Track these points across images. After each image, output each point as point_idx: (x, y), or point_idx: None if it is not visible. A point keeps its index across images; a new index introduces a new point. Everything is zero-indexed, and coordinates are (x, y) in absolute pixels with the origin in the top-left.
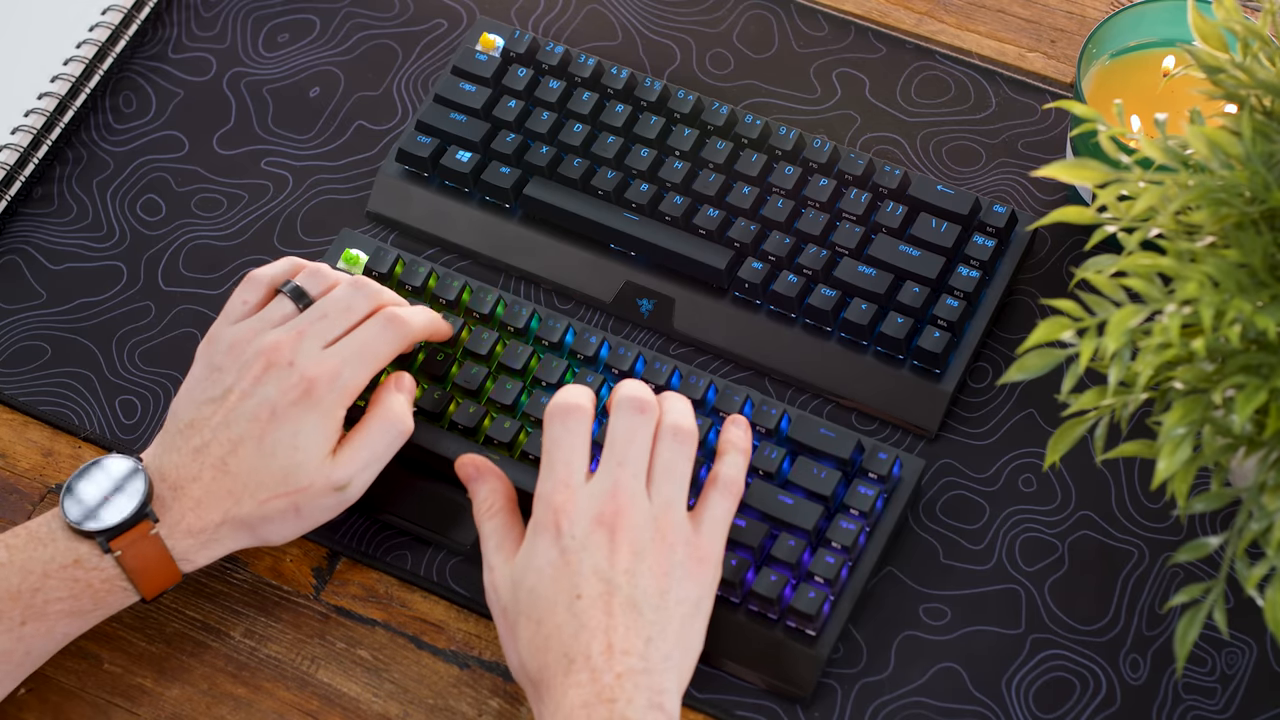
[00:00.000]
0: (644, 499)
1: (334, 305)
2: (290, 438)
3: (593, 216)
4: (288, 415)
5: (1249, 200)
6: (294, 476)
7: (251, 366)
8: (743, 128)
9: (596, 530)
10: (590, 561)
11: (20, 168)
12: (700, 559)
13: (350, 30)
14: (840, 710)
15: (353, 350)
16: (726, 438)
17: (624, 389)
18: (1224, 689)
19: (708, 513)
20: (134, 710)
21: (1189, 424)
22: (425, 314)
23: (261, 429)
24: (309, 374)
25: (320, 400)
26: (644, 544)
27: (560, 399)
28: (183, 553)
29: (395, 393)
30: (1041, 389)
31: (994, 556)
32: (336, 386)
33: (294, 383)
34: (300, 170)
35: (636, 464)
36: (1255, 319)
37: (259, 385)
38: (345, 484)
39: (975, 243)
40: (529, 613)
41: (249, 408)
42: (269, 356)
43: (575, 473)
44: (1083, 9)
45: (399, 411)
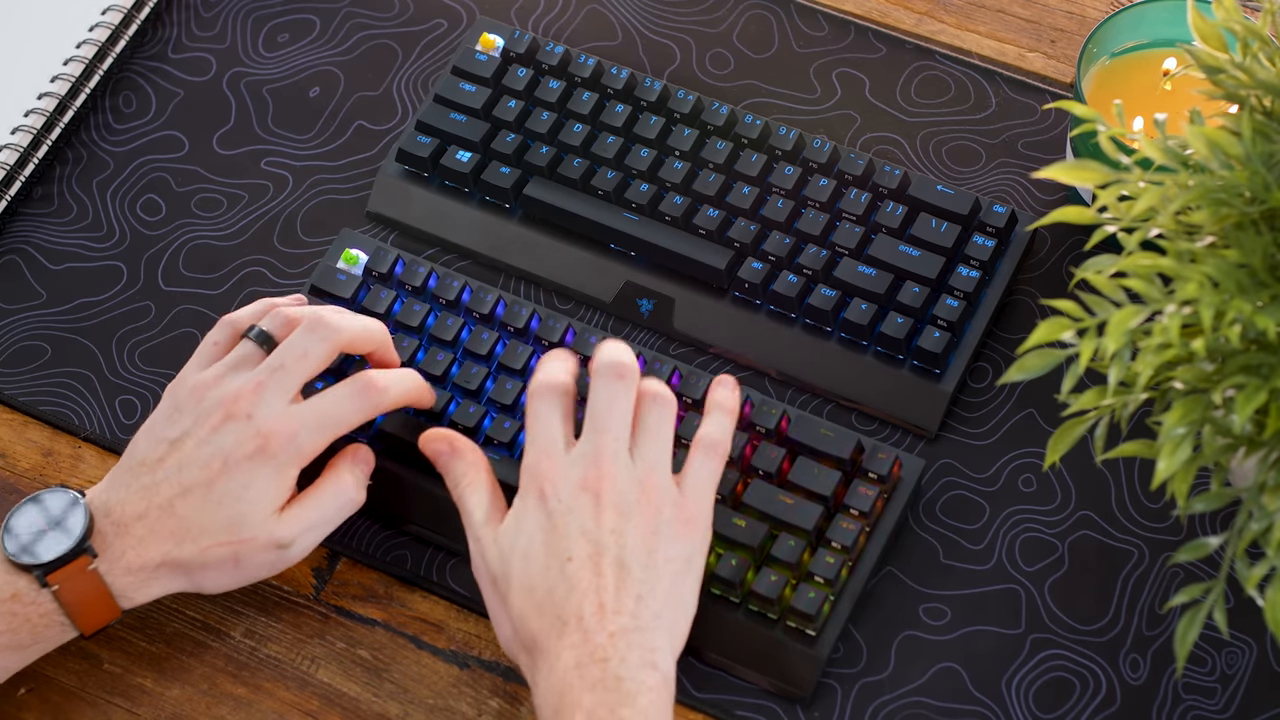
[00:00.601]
0: (627, 462)
1: (290, 354)
2: (239, 490)
3: (593, 216)
4: (239, 467)
5: (1249, 200)
6: (237, 527)
7: (211, 415)
8: (743, 128)
9: (581, 494)
10: (577, 524)
11: (20, 168)
12: (687, 519)
13: (350, 30)
14: (840, 710)
15: (315, 415)
16: (713, 398)
17: (603, 354)
18: (1224, 689)
19: (692, 474)
20: (134, 710)
21: (1189, 424)
22: (404, 385)
23: (212, 477)
24: (264, 429)
25: (273, 457)
26: (629, 505)
27: (540, 376)
28: (121, 589)
29: (351, 464)
30: (1041, 389)
31: (994, 556)
32: (292, 447)
33: (249, 436)
34: (300, 170)
35: (618, 429)
36: (1255, 319)
37: (215, 434)
38: (288, 543)
39: (975, 243)
40: (520, 580)
41: (203, 455)
42: (228, 408)
43: (556, 442)
44: (1083, 9)
45: (350, 483)
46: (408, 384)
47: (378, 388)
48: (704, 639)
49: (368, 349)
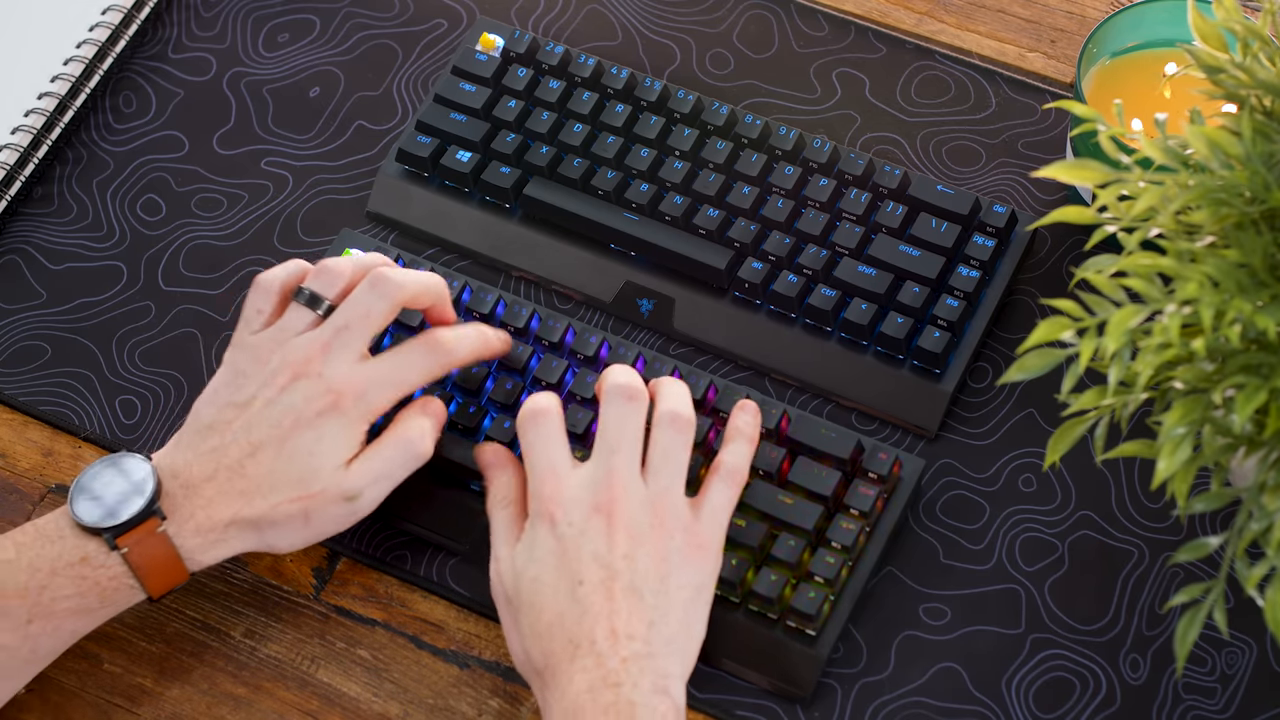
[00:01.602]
0: (639, 485)
1: (354, 312)
2: (310, 444)
3: (593, 216)
4: (311, 424)
5: (1249, 200)
6: (308, 481)
7: (278, 375)
8: (743, 128)
9: (594, 517)
10: (589, 548)
11: (20, 168)
12: (699, 545)
13: (350, 30)
14: (840, 710)
15: (385, 371)
16: (734, 424)
17: (611, 377)
18: (1224, 689)
19: (708, 501)
20: (134, 710)
21: (1189, 424)
22: (471, 341)
23: (284, 434)
24: (337, 386)
25: (344, 413)
26: (641, 529)
27: (527, 407)
28: (190, 551)
29: (419, 415)
30: (1041, 389)
31: (994, 556)
32: (362, 404)
33: (320, 392)
34: (300, 170)
35: (630, 450)
36: (1255, 319)
37: (284, 393)
38: (356, 494)
39: (975, 243)
40: (531, 601)
41: (273, 414)
42: (296, 368)
43: (559, 464)
44: (1083, 9)
45: (417, 434)
46: (474, 340)
47: (445, 347)
48: (704, 639)
49: (427, 304)
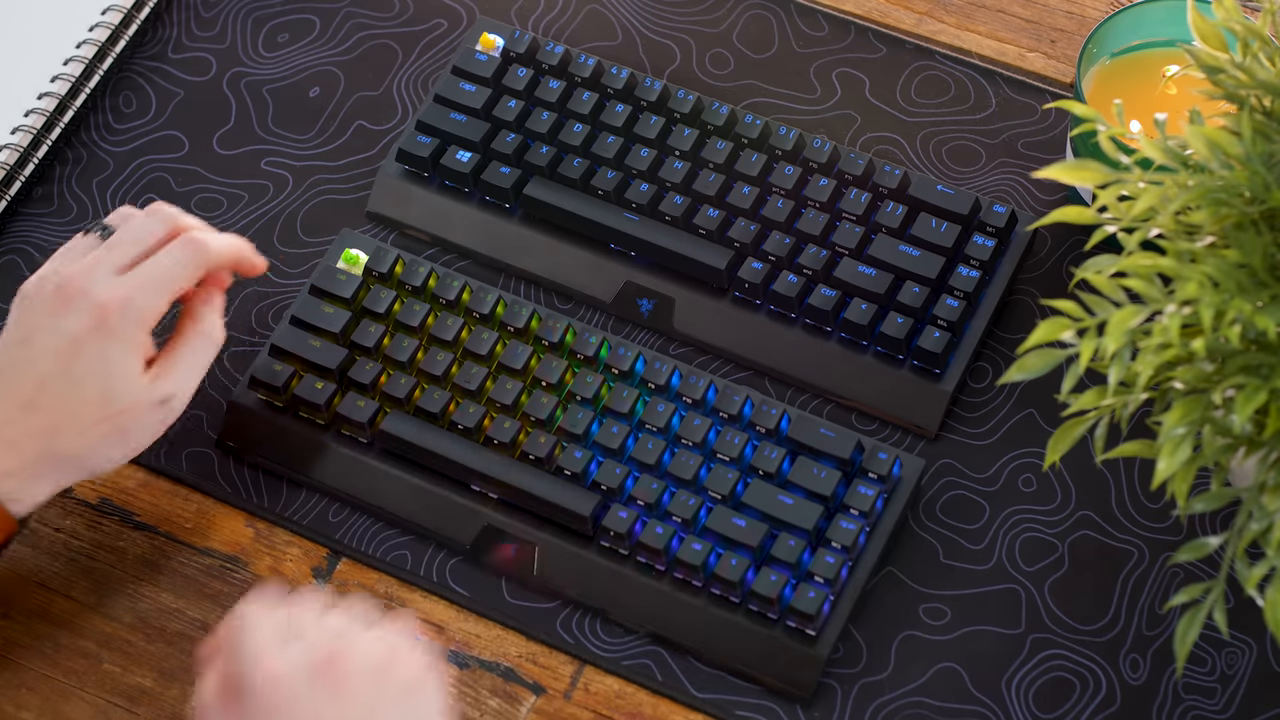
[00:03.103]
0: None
1: (127, 233)
2: (98, 366)
3: (593, 216)
4: (87, 343)
5: (1249, 200)
6: (111, 399)
7: (50, 302)
8: (743, 128)
9: (318, 682)
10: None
11: (20, 168)
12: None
13: (350, 30)
14: (840, 710)
15: (145, 276)
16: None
17: None
18: (1224, 689)
19: None
20: (134, 710)
21: (1189, 424)
22: (229, 241)
23: (65, 363)
24: (100, 300)
25: (115, 327)
26: (364, 687)
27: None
28: (8, 494)
29: (203, 306)
30: (1041, 389)
31: (994, 556)
32: (130, 311)
33: (88, 311)
34: (300, 170)
35: None
36: (1255, 319)
37: (58, 320)
38: (169, 396)
39: (975, 243)
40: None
41: (50, 343)
42: (64, 290)
43: (273, 646)
44: (1083, 9)
45: (210, 322)
46: (230, 242)
47: (201, 242)
48: (704, 639)
49: (191, 229)
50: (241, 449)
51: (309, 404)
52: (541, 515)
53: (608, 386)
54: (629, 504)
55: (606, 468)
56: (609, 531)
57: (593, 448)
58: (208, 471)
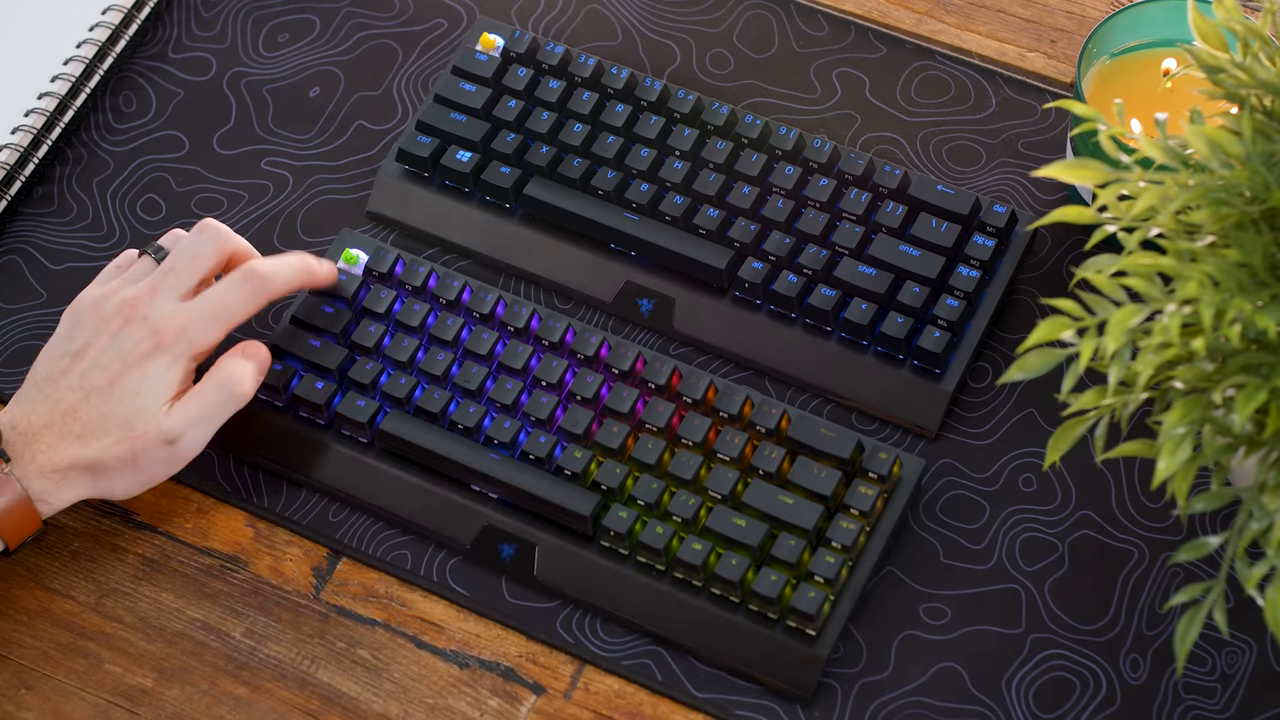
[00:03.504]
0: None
1: (181, 256)
2: (136, 386)
3: (593, 216)
4: (137, 366)
5: (1249, 200)
6: (132, 422)
7: (110, 322)
8: (743, 128)
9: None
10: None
11: (20, 168)
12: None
13: (350, 30)
14: (840, 710)
15: (204, 306)
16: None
17: None
18: (1224, 689)
19: None
20: (134, 710)
21: (1189, 424)
22: (290, 268)
23: (112, 378)
24: (160, 326)
25: (166, 350)
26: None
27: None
28: (38, 494)
29: (239, 357)
30: (1041, 389)
31: (994, 556)
32: (184, 340)
33: (145, 335)
34: (300, 170)
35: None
36: (1255, 319)
37: (115, 340)
38: (176, 437)
39: (975, 243)
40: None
41: (104, 359)
42: (126, 313)
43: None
44: (1083, 9)
45: (237, 374)
46: (294, 267)
47: (260, 274)
48: (704, 639)
49: (244, 252)
50: (241, 449)
51: (309, 404)
52: (541, 515)
53: (608, 387)
54: (629, 504)
55: (606, 468)
56: (609, 531)
57: (592, 447)
58: (208, 471)
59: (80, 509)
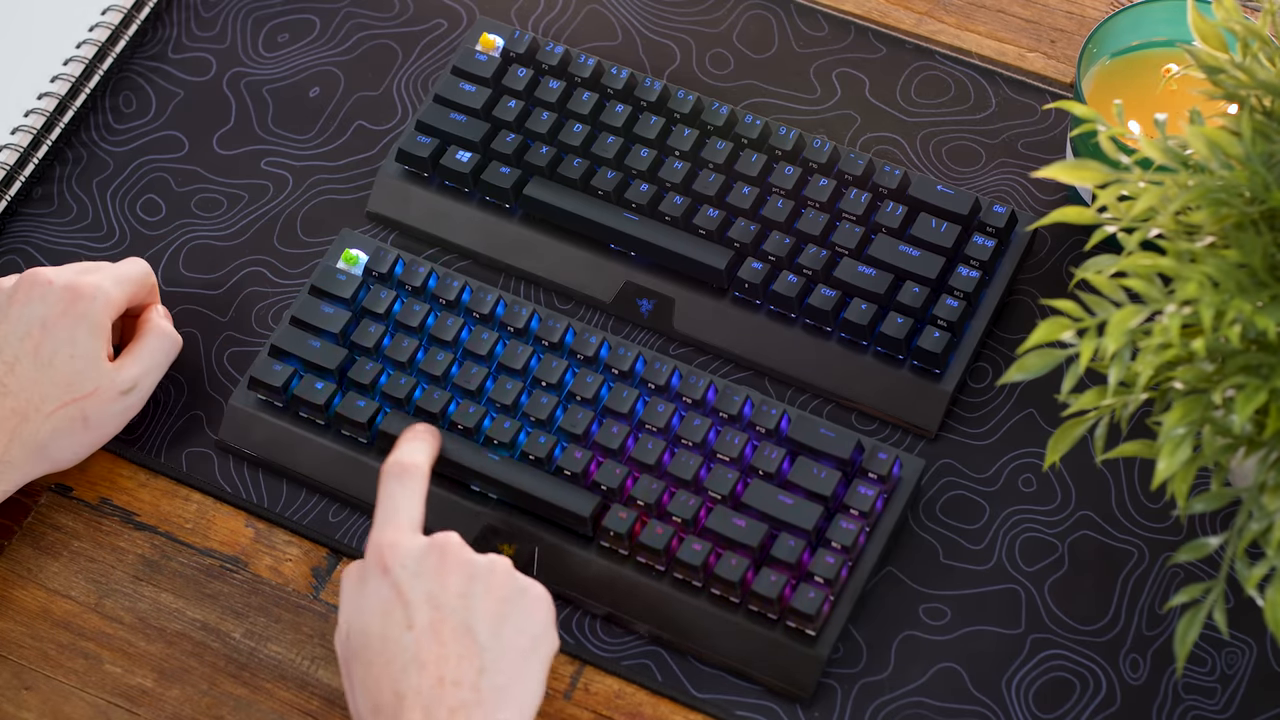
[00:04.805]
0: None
1: (102, 264)
2: (67, 346)
3: (593, 216)
4: (59, 325)
5: (1249, 200)
6: (78, 383)
7: (13, 296)
8: (743, 128)
9: (428, 555)
10: (423, 588)
11: (20, 168)
12: (537, 597)
13: (350, 30)
14: (840, 710)
15: (110, 270)
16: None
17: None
18: (1224, 689)
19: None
20: (134, 710)
21: (1189, 424)
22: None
23: (35, 344)
24: (71, 285)
25: (88, 309)
26: (478, 570)
27: (395, 455)
28: None
29: (156, 315)
30: (1041, 389)
31: (994, 556)
32: (100, 296)
33: (58, 295)
34: (300, 170)
35: None
36: (1255, 319)
37: (24, 307)
38: (131, 386)
39: (975, 243)
40: (361, 655)
41: (20, 328)
42: (27, 281)
43: (406, 520)
44: (1083, 9)
45: (167, 327)
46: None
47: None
48: (704, 639)
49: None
50: (241, 449)
51: (309, 404)
52: (541, 515)
53: (608, 387)
54: (629, 504)
55: (606, 468)
56: (609, 531)
57: (592, 448)
58: (208, 471)
59: (80, 509)
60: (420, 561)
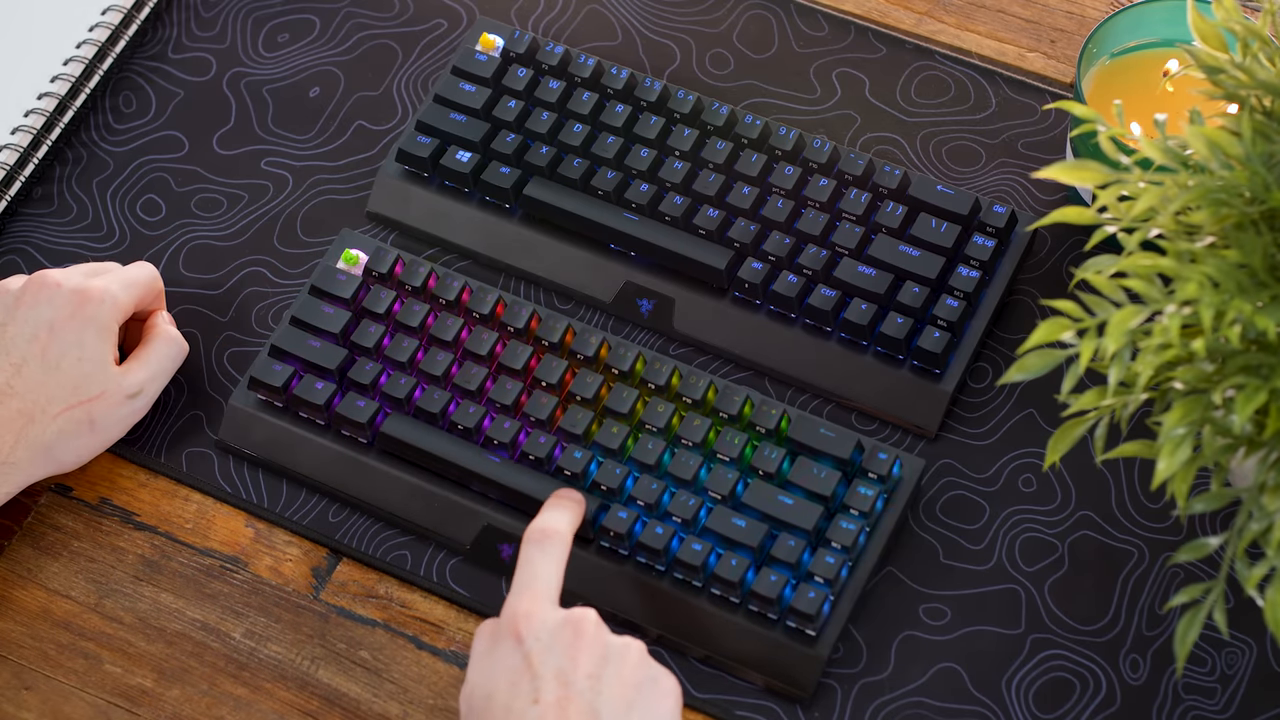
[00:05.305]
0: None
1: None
2: (75, 349)
3: (593, 216)
4: (67, 328)
5: (1249, 200)
6: (85, 386)
7: (21, 298)
8: (743, 128)
9: (562, 630)
10: (553, 663)
11: (20, 168)
12: (668, 689)
13: (350, 30)
14: (840, 710)
15: (117, 274)
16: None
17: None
18: (1224, 689)
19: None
20: (134, 710)
21: (1189, 424)
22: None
23: (43, 346)
24: (80, 288)
25: (96, 313)
26: (612, 652)
27: (540, 521)
28: None
29: (166, 320)
30: (1041, 389)
31: (994, 556)
32: (108, 300)
33: (66, 298)
34: (300, 170)
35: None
36: (1255, 319)
37: (32, 310)
38: (138, 390)
39: (975, 243)
40: (482, 719)
41: (26, 331)
42: (35, 284)
43: (544, 589)
44: (1083, 9)
45: (174, 334)
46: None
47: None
48: (704, 639)
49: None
50: (241, 449)
51: (309, 404)
52: None
53: (607, 386)
54: (629, 504)
55: (606, 468)
56: (609, 531)
57: (593, 448)
58: (208, 471)
59: (80, 509)
60: (555, 635)
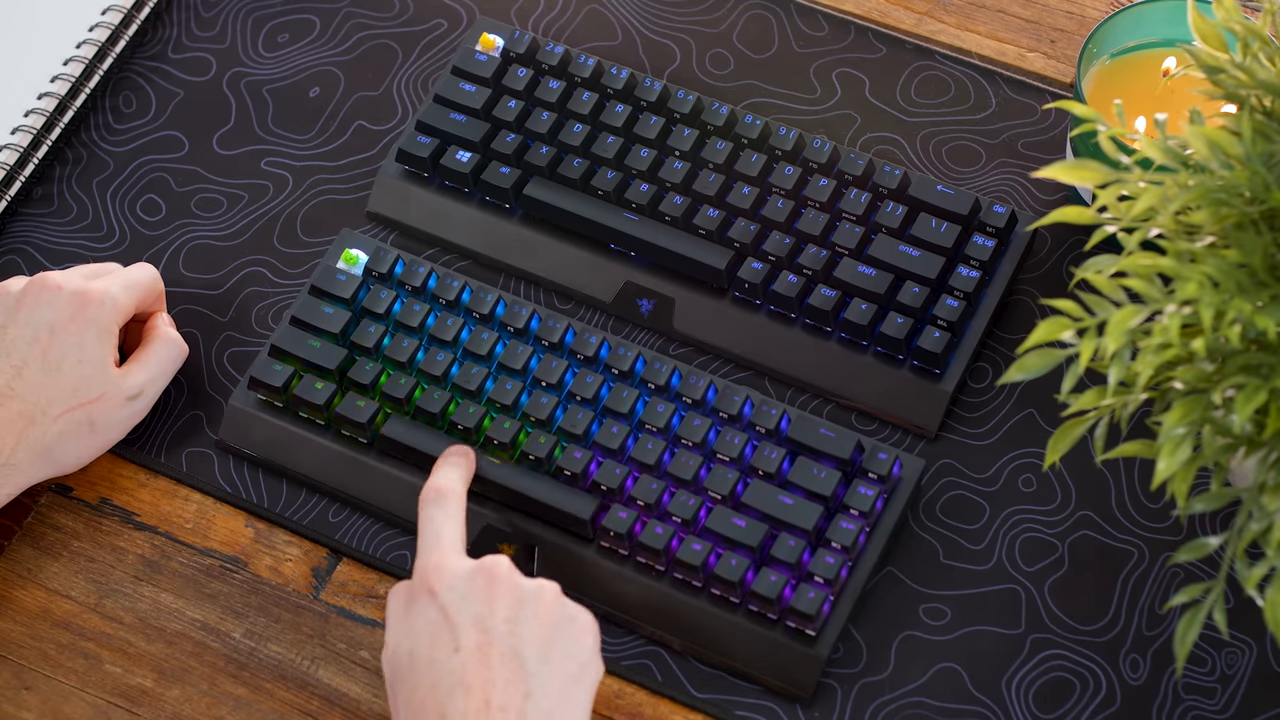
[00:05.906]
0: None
1: (110, 266)
2: (75, 351)
3: (593, 216)
4: (67, 330)
5: (1249, 200)
6: (85, 388)
7: (21, 300)
8: (743, 128)
9: (475, 578)
10: (470, 610)
11: (20, 168)
12: (584, 624)
13: (350, 30)
14: (840, 710)
15: (118, 276)
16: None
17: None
18: (1224, 689)
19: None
20: (134, 710)
21: (1189, 424)
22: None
23: (44, 348)
24: (81, 291)
25: (96, 315)
26: (526, 594)
27: (433, 483)
28: None
29: (163, 323)
30: (1041, 389)
31: (994, 556)
32: (108, 302)
33: (67, 301)
34: (300, 170)
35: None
36: (1255, 319)
37: (33, 312)
38: (138, 392)
39: (975, 243)
40: (406, 677)
41: (28, 332)
42: (35, 286)
43: (449, 544)
44: (1083, 9)
45: (174, 336)
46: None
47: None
48: (704, 639)
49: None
50: (241, 449)
51: (309, 404)
52: (541, 516)
53: (608, 388)
54: (629, 504)
55: (606, 468)
56: (609, 531)
57: (593, 448)
58: (208, 471)
59: (80, 509)
60: (468, 584)
